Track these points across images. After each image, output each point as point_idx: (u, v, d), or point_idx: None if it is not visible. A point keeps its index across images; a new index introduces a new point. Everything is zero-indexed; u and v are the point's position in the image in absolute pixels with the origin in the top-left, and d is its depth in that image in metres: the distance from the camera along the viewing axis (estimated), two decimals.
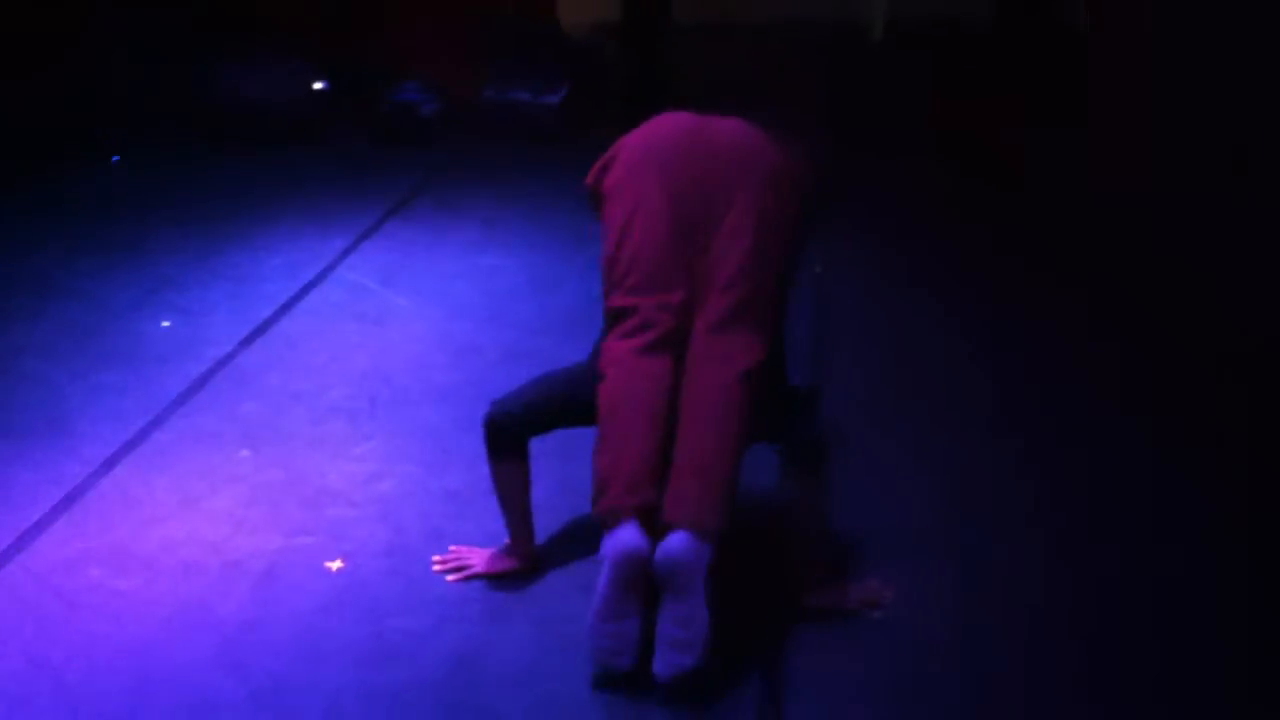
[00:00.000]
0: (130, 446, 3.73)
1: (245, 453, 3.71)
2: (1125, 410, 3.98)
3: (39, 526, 3.30)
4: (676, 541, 2.55)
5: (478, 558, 3.10)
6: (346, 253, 5.35)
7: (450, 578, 3.08)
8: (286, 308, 4.77)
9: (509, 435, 2.91)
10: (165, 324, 4.63)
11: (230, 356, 4.35)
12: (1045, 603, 3.01)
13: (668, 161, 2.87)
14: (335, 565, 3.17)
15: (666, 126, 2.97)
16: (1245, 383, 4.14)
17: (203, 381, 4.16)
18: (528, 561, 3.07)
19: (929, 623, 2.92)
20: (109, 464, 3.63)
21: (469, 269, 5.19)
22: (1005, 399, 4.06)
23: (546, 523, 3.26)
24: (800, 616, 2.93)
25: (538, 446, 3.01)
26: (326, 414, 3.94)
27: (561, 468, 3.40)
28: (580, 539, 3.21)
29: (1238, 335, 4.49)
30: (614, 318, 2.83)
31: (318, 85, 6.91)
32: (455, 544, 3.20)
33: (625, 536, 2.58)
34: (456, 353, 4.38)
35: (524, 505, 3.02)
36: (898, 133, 6.83)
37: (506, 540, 3.08)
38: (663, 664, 2.57)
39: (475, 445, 3.05)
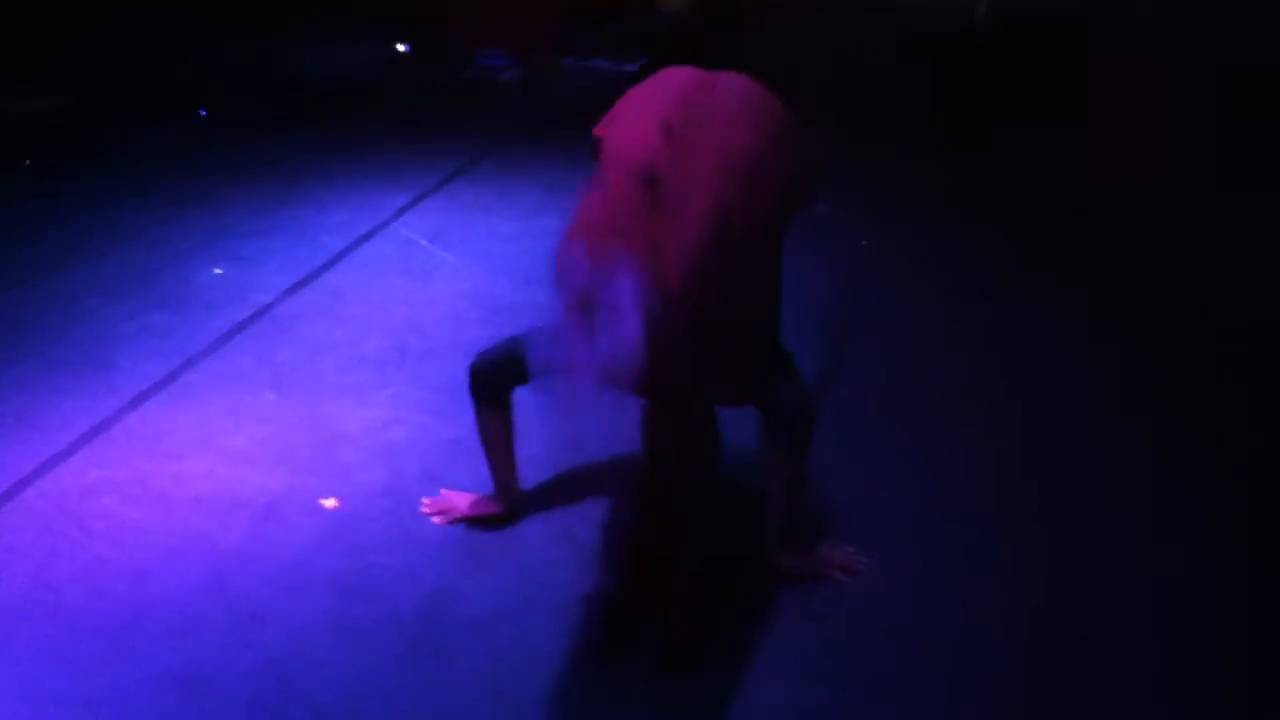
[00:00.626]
0: (163, 384, 3.89)
1: (271, 396, 3.85)
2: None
3: (64, 454, 3.48)
4: None
5: (463, 501, 3.20)
6: (404, 210, 5.48)
7: (436, 519, 3.17)
8: (337, 260, 4.91)
9: (490, 385, 2.99)
10: (218, 271, 4.80)
11: (274, 304, 4.50)
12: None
13: (665, 98, 2.85)
14: (330, 503, 3.29)
15: (671, 75, 2.98)
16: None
17: (243, 326, 4.31)
18: (509, 508, 3.15)
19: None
20: (141, 399, 3.80)
21: (522, 230, 5.28)
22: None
23: (539, 474, 3.34)
24: (773, 579, 2.97)
25: (539, 402, 3.09)
26: (355, 363, 4.07)
27: (561, 423, 3.48)
28: (570, 492, 3.29)
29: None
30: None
31: (400, 48, 7.06)
32: (448, 489, 3.29)
33: None
34: (492, 310, 4.47)
35: (507, 452, 3.10)
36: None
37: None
38: None
39: None
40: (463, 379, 3.03)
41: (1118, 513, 3.37)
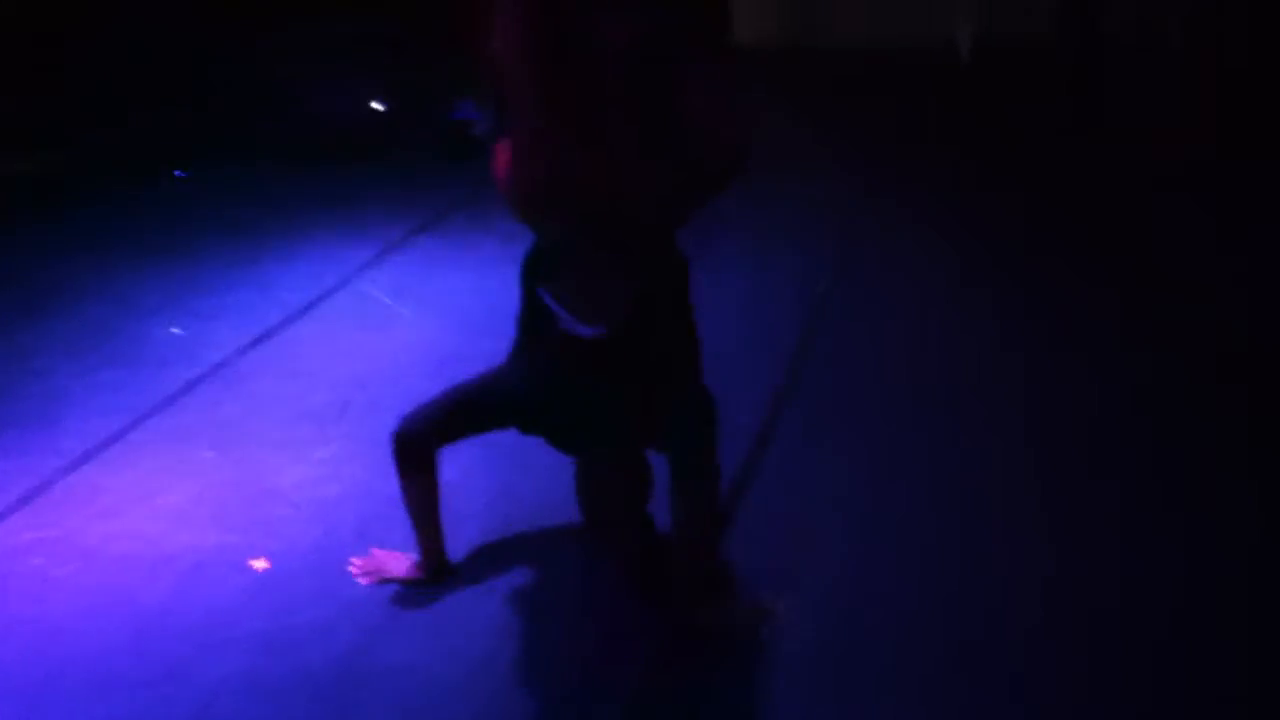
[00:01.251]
0: (107, 443, 3.92)
1: (210, 453, 3.87)
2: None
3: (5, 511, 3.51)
4: None
5: (393, 563, 3.20)
6: (370, 264, 5.52)
7: (363, 580, 3.18)
8: (297, 316, 4.95)
9: (414, 450, 2.99)
10: (175, 330, 4.84)
11: (226, 361, 4.53)
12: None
13: None
14: (260, 564, 3.30)
15: None
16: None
17: (193, 385, 4.34)
18: (436, 573, 3.15)
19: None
20: (84, 458, 3.84)
21: (480, 283, 5.30)
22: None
23: (472, 533, 3.36)
24: (682, 635, 2.96)
25: (481, 455, 3.11)
26: (298, 418, 4.09)
27: (501, 478, 3.52)
28: (504, 552, 3.31)
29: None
30: None
31: (377, 106, 7.14)
32: (379, 548, 3.30)
33: None
34: (440, 361, 4.48)
35: (433, 519, 3.10)
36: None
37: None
38: None
39: None
40: None
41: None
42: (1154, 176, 6.27)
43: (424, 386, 4.14)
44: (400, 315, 4.97)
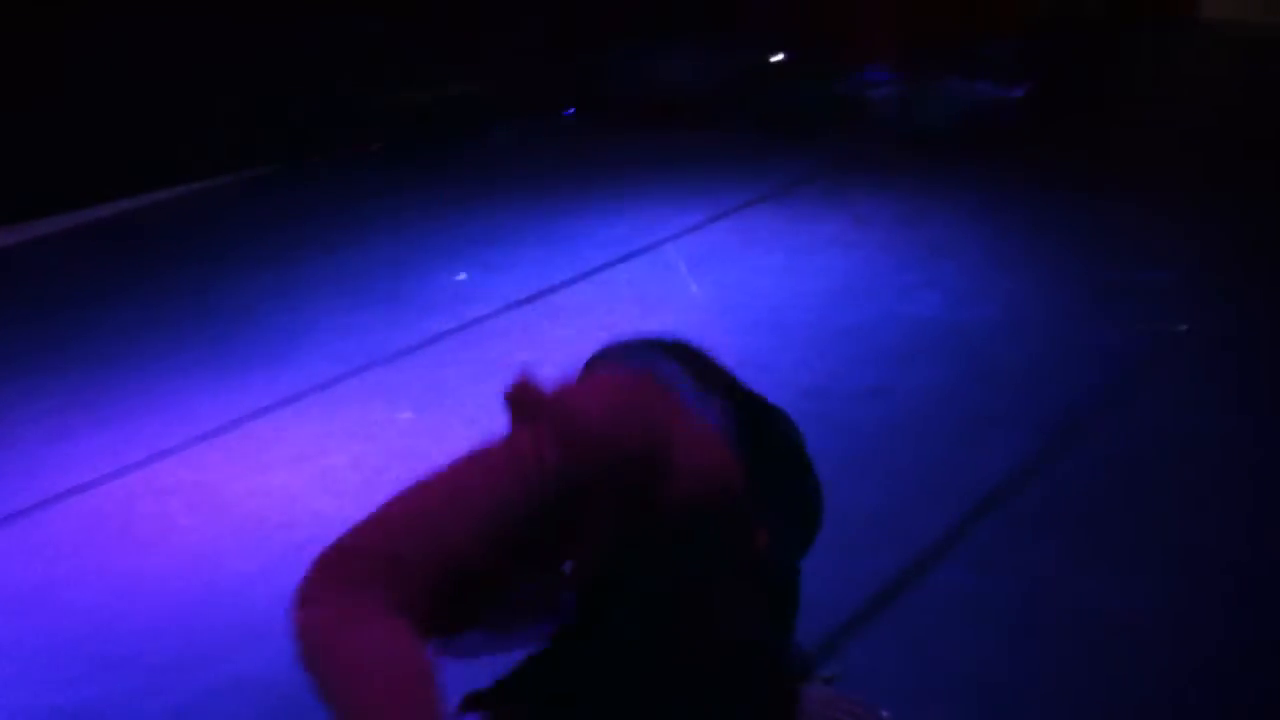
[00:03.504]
0: (314, 390, 3.80)
1: (408, 414, 3.63)
2: None
3: (172, 450, 3.44)
4: None
5: None
6: (688, 232, 5.10)
7: None
8: (582, 277, 4.63)
9: None
10: (461, 277, 4.66)
11: (486, 317, 4.30)
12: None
13: None
14: None
15: None
16: None
17: (440, 337, 4.15)
18: None
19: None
20: (284, 403, 3.72)
21: (796, 267, 4.75)
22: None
23: None
24: None
25: None
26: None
27: None
28: None
29: None
30: None
31: (778, 57, 6.68)
32: None
33: None
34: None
35: None
36: None
37: None
38: None
39: None
40: None
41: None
42: None
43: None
44: (690, 294, 4.52)
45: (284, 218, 5.46)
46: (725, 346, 3.92)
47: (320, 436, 3.53)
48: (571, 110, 6.77)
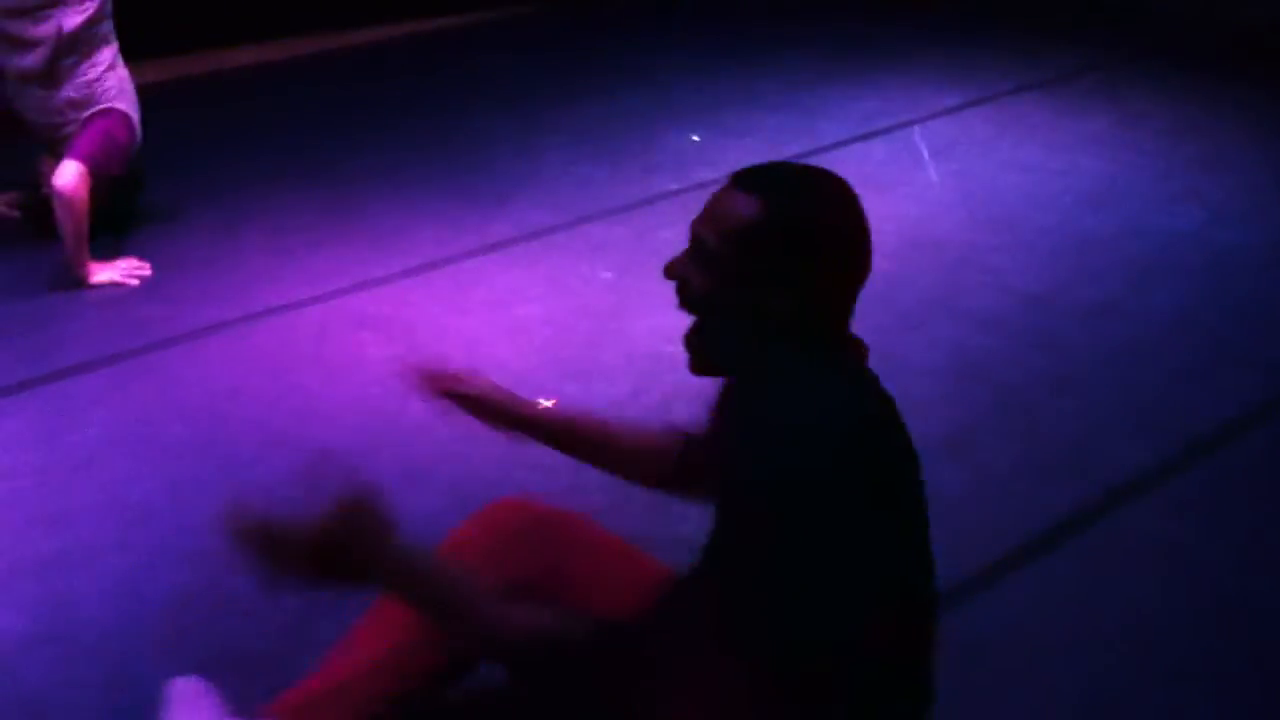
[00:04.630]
0: (529, 237, 3.79)
1: (608, 274, 3.59)
2: None
3: (383, 280, 3.51)
4: None
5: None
6: (936, 115, 4.84)
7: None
8: (813, 152, 4.45)
9: None
10: (694, 139, 4.56)
11: (710, 182, 4.16)
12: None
13: None
14: (548, 404, 2.98)
15: None
16: None
17: (656, 199, 4.07)
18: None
19: None
20: (495, 248, 3.73)
21: (1046, 163, 4.44)
22: None
23: None
24: None
25: None
26: None
27: None
28: None
29: None
30: None
31: None
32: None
33: None
34: (909, 243, 3.82)
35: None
36: None
37: None
38: None
39: None
40: None
41: None
42: None
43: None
44: (928, 180, 4.30)
45: (534, 61, 5.44)
46: (951, 243, 3.77)
47: (521, 285, 3.52)
48: None
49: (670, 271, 1.59)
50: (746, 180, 1.54)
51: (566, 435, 1.95)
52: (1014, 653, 2.24)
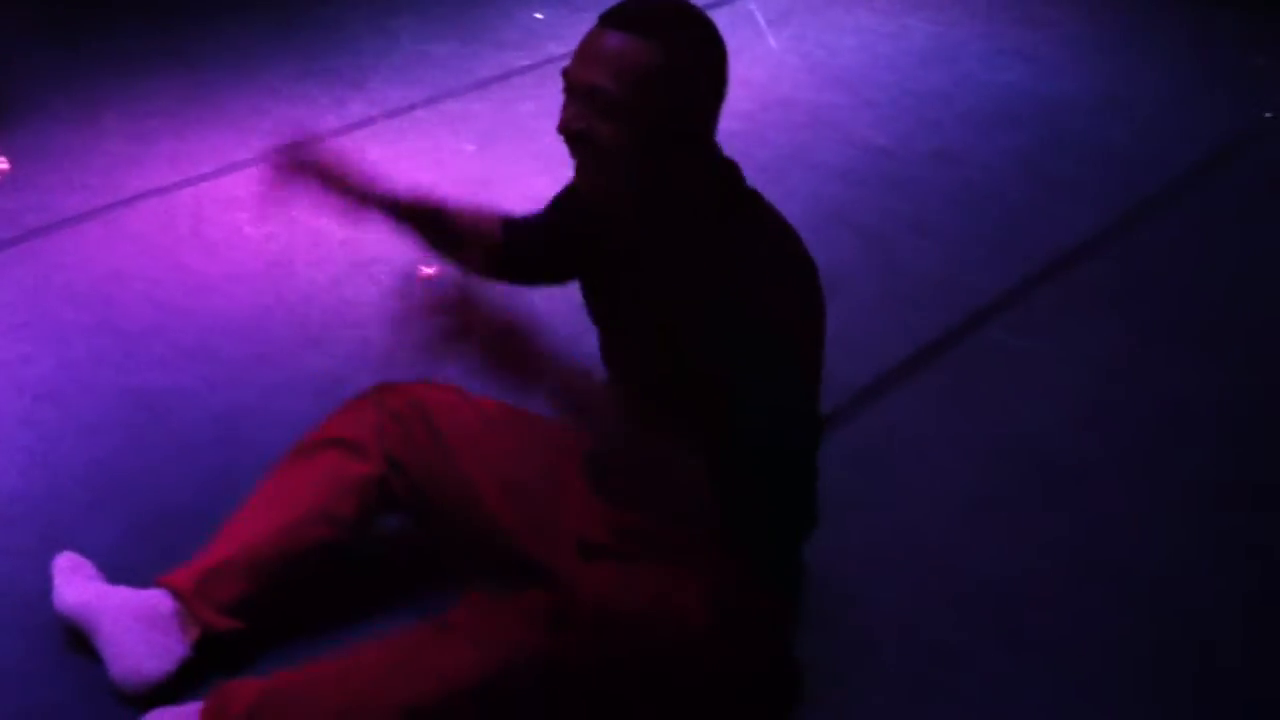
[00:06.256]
0: (393, 114, 3.83)
1: (471, 148, 3.65)
2: None
3: (247, 163, 3.48)
4: None
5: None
6: None
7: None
8: None
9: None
10: (538, 16, 4.60)
11: (560, 56, 4.24)
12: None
13: None
14: (429, 271, 3.06)
15: None
16: None
17: (511, 75, 4.12)
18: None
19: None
20: (362, 123, 3.76)
21: (879, 27, 4.63)
22: None
23: None
24: None
25: None
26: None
27: None
28: None
29: None
30: None
31: None
32: None
33: None
34: (759, 105, 3.96)
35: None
36: None
37: None
38: None
39: None
40: None
41: None
42: None
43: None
44: (768, 48, 4.44)
45: None
46: (798, 103, 3.94)
47: (388, 161, 3.54)
48: None
49: (569, 126, 1.57)
50: (628, 22, 1.57)
51: (409, 213, 1.99)
52: (904, 455, 2.45)
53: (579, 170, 1.63)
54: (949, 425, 2.56)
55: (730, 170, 1.70)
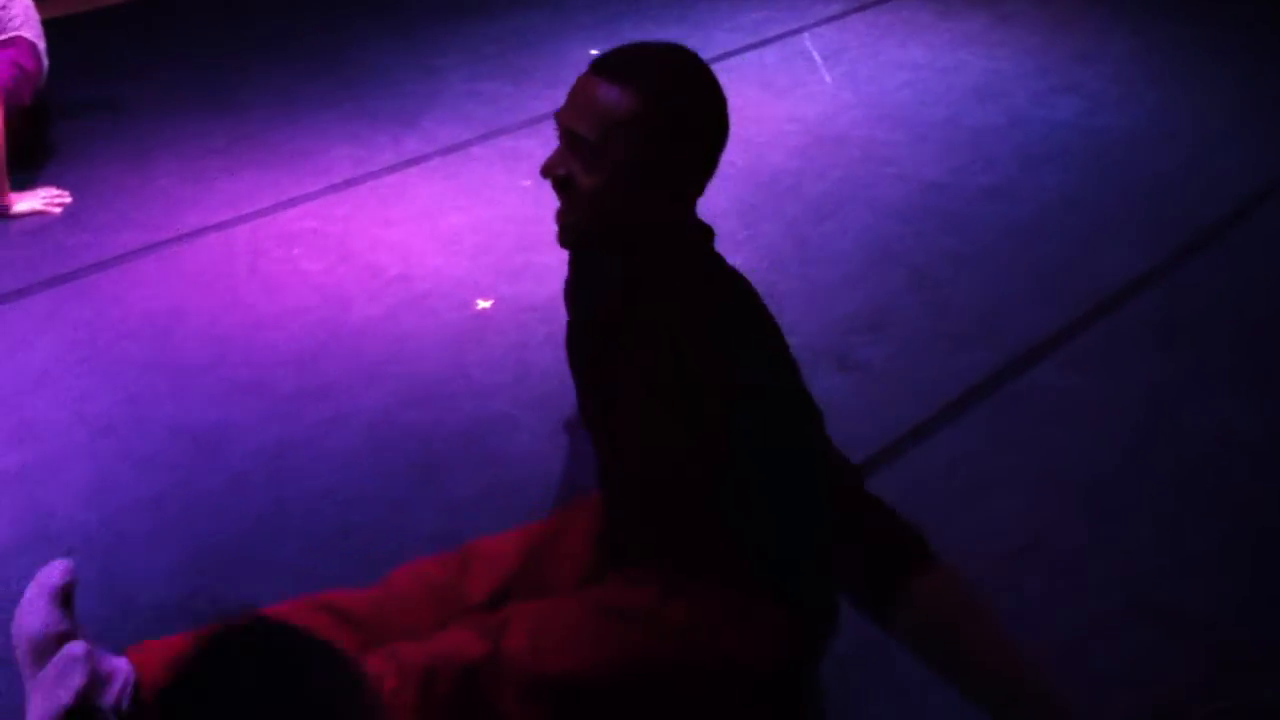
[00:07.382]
0: (446, 150, 3.87)
1: (527, 182, 3.69)
2: None
3: (304, 198, 3.57)
4: None
5: None
6: (823, 22, 5.01)
7: None
8: (714, 60, 4.54)
9: None
10: (593, 53, 4.64)
11: None
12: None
13: None
14: (484, 304, 3.10)
15: None
16: None
17: None
18: None
19: None
20: (415, 160, 3.81)
21: (931, 62, 4.64)
22: None
23: None
24: None
25: None
26: None
27: None
28: None
29: None
30: None
31: None
32: None
33: None
34: (815, 146, 3.98)
35: None
36: None
37: None
38: None
39: None
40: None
41: None
42: None
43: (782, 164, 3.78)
44: (822, 84, 4.46)
45: None
46: (851, 138, 3.95)
47: (443, 196, 3.61)
48: None
49: (550, 169, 1.58)
50: (612, 69, 1.56)
51: None
52: (948, 495, 2.44)
53: (557, 213, 1.63)
54: (997, 462, 2.55)
55: (699, 234, 1.67)
